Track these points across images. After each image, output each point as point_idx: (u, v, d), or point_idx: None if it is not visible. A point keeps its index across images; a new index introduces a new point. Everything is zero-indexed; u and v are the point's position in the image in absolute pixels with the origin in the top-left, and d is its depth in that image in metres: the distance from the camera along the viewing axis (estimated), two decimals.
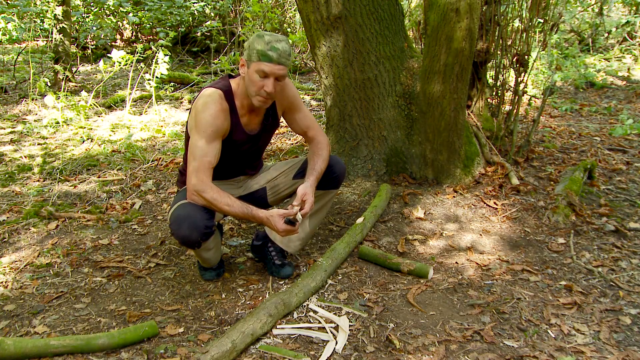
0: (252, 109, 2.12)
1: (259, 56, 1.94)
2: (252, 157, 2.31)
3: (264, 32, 1.99)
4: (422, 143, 3.14)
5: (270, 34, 1.98)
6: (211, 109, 2.00)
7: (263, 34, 1.97)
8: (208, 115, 1.99)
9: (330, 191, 2.31)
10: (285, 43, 1.97)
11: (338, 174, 2.27)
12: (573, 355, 1.79)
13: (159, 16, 7.38)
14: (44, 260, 2.52)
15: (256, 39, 1.96)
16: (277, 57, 1.94)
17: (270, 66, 1.94)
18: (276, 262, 2.36)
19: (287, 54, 1.96)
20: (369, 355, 1.82)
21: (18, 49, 7.64)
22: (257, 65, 1.95)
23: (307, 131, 2.28)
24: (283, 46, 1.95)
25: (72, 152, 4.07)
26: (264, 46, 1.93)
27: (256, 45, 1.94)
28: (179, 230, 1.99)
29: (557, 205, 2.84)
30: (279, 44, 1.94)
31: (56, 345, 1.78)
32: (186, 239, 2.01)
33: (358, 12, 2.94)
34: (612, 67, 6.92)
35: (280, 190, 2.35)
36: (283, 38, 1.98)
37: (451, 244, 2.63)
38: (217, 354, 1.69)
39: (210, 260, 2.26)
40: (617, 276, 2.29)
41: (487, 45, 3.56)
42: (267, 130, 2.25)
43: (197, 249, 2.09)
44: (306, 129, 2.28)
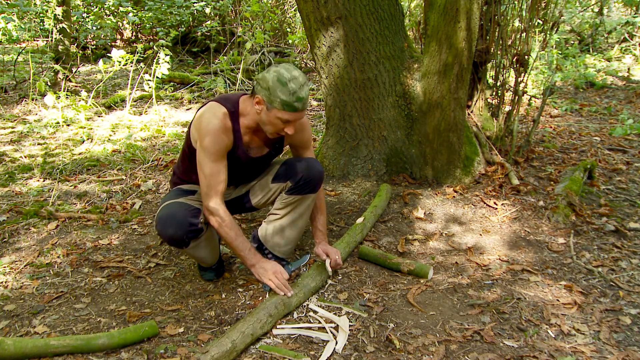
0: (256, 130, 2.10)
1: (283, 106, 1.88)
2: (249, 176, 2.32)
3: (284, 74, 1.88)
4: (422, 143, 3.14)
5: (291, 76, 1.88)
6: (214, 126, 1.97)
7: (285, 80, 1.86)
8: (211, 133, 1.97)
9: (308, 196, 2.26)
10: (307, 85, 1.91)
11: (312, 179, 2.21)
12: (573, 355, 1.79)
13: (159, 16, 7.38)
14: (44, 260, 2.52)
15: (279, 86, 1.86)
16: (302, 106, 1.90)
17: (295, 115, 1.92)
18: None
19: (307, 100, 1.93)
20: (369, 355, 1.82)
21: (18, 49, 7.65)
22: (281, 114, 1.91)
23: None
24: (306, 92, 1.90)
25: (72, 152, 4.07)
26: (289, 97, 1.86)
27: (280, 95, 1.86)
28: (164, 230, 2.01)
29: (557, 205, 2.84)
30: (302, 91, 1.88)
31: (56, 345, 1.78)
32: (172, 239, 2.02)
33: (358, 12, 2.94)
34: (612, 67, 6.92)
35: (261, 195, 2.34)
36: (303, 80, 1.90)
37: (451, 244, 2.63)
38: (217, 354, 1.69)
39: (206, 259, 2.25)
40: (617, 276, 2.29)
41: (487, 45, 3.56)
42: (269, 157, 2.26)
43: (185, 248, 2.08)
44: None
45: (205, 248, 2.19)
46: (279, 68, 1.90)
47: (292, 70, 1.89)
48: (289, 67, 1.91)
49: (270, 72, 1.90)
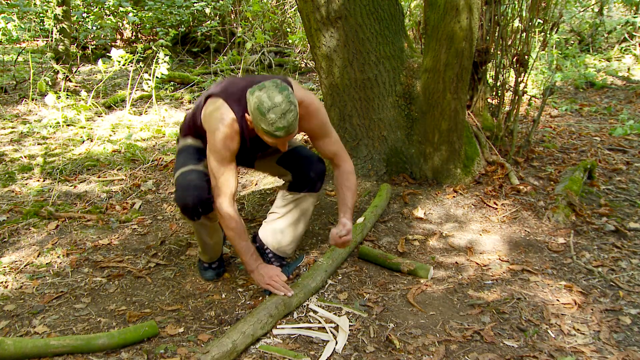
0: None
1: (266, 133, 1.85)
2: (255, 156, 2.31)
3: (264, 103, 1.80)
4: (422, 143, 3.14)
5: (272, 104, 1.79)
6: (222, 134, 1.96)
7: (264, 109, 1.79)
8: (219, 141, 1.96)
9: (308, 195, 2.25)
10: (290, 113, 1.81)
11: (311, 178, 2.21)
12: (573, 355, 1.79)
13: (159, 16, 7.38)
14: (44, 260, 2.52)
15: (259, 115, 1.81)
16: (284, 134, 1.84)
17: (280, 140, 1.89)
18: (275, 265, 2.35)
19: (294, 124, 1.83)
20: (369, 355, 1.82)
21: (18, 49, 7.65)
22: (266, 137, 1.88)
23: (332, 157, 2.21)
24: (289, 120, 1.81)
25: (72, 152, 4.07)
26: (269, 127, 1.81)
27: (260, 123, 1.82)
28: (182, 198, 2.05)
29: (557, 205, 2.84)
30: (283, 120, 1.80)
31: (56, 345, 1.78)
32: (187, 207, 2.06)
33: (358, 12, 2.94)
34: (612, 67, 6.92)
35: (264, 165, 2.38)
36: (286, 106, 1.80)
37: (451, 244, 2.63)
38: (217, 354, 1.69)
39: (209, 248, 2.26)
40: (617, 276, 2.29)
41: (487, 45, 3.56)
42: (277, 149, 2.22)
43: (196, 220, 2.10)
44: (332, 156, 2.20)
45: (209, 235, 2.21)
46: (261, 94, 1.81)
47: (274, 97, 1.79)
48: (272, 92, 1.81)
49: (253, 96, 1.83)
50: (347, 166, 2.21)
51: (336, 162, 2.21)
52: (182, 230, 2.86)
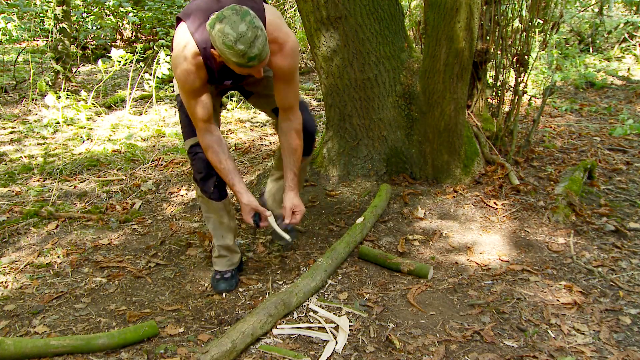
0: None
1: (238, 65, 1.75)
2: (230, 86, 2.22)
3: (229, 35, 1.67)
4: (422, 143, 3.14)
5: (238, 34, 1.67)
6: (183, 70, 1.87)
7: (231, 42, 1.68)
8: (182, 74, 1.88)
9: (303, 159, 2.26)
10: (259, 39, 1.69)
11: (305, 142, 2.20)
12: (573, 355, 1.79)
13: (159, 16, 7.38)
14: (44, 260, 2.52)
15: (226, 50, 1.70)
16: (257, 62, 1.74)
17: (253, 69, 1.79)
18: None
19: (265, 49, 1.72)
20: (369, 355, 1.82)
21: (18, 49, 7.65)
22: (239, 70, 1.78)
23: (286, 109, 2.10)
24: (259, 46, 1.70)
25: (72, 152, 4.07)
26: (240, 59, 1.72)
27: (230, 57, 1.72)
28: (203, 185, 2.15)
29: (557, 205, 2.84)
30: (254, 49, 1.69)
31: (56, 345, 1.78)
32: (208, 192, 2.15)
33: (358, 12, 2.94)
34: (612, 67, 6.92)
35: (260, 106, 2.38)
36: (253, 33, 1.68)
37: (451, 244, 2.63)
38: (217, 354, 1.69)
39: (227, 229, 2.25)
40: (617, 276, 2.29)
41: (487, 45, 3.56)
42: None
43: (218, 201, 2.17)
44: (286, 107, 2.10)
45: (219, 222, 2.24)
46: (223, 26, 1.68)
47: (237, 26, 1.67)
48: (233, 22, 1.67)
49: (215, 29, 1.70)
50: (297, 123, 2.13)
51: (287, 115, 2.12)
52: (182, 230, 2.86)
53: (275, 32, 1.90)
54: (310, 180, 3.31)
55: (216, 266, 2.32)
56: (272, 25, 1.89)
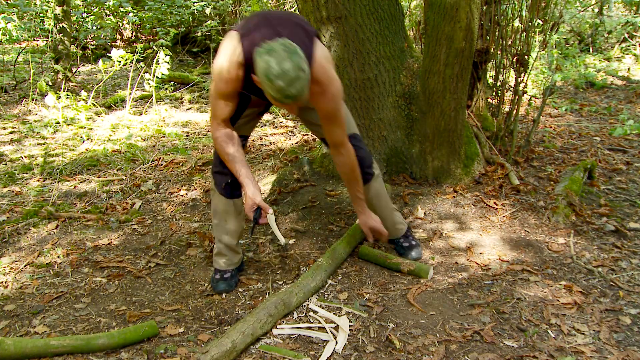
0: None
1: (274, 99, 1.79)
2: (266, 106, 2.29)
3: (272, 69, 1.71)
4: (422, 143, 3.14)
5: (280, 71, 1.70)
6: (224, 75, 1.92)
7: (272, 76, 1.71)
8: (220, 78, 1.94)
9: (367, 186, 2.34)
10: (299, 81, 1.73)
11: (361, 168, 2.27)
12: (573, 355, 1.79)
13: (159, 16, 7.37)
14: (44, 260, 2.52)
15: (266, 81, 1.73)
16: (293, 100, 1.77)
17: (289, 106, 1.85)
18: (404, 245, 2.51)
19: (303, 91, 1.76)
20: (369, 355, 1.82)
21: (18, 49, 7.64)
22: (273, 100, 1.82)
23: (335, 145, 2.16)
24: (298, 88, 1.73)
25: (73, 152, 4.07)
26: (277, 94, 1.75)
27: (268, 89, 1.76)
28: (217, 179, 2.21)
29: (557, 205, 2.84)
30: (292, 88, 1.72)
31: (56, 345, 1.78)
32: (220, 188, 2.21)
33: (358, 12, 2.94)
34: (612, 67, 6.92)
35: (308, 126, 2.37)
36: (295, 73, 1.71)
37: (451, 244, 2.63)
38: (217, 354, 1.69)
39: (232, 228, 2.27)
40: (617, 276, 2.29)
41: (487, 45, 3.56)
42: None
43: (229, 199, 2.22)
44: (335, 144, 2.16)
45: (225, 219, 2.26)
46: (270, 59, 1.71)
47: (283, 63, 1.70)
48: (280, 58, 1.70)
49: (261, 59, 1.73)
50: (348, 157, 2.18)
51: (339, 150, 2.16)
52: (182, 230, 2.86)
53: (319, 73, 1.93)
54: (310, 180, 3.31)
55: (216, 264, 2.32)
56: (319, 66, 1.93)
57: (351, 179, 2.24)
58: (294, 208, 3.01)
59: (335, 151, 2.18)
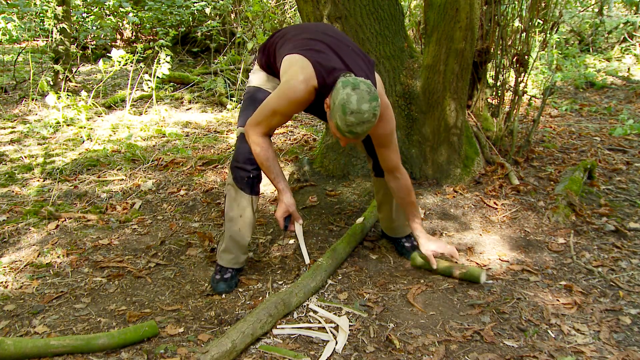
0: None
1: (337, 127, 1.87)
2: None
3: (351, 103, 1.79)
4: (422, 143, 3.14)
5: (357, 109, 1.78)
6: (295, 96, 1.96)
7: (348, 110, 1.79)
8: (290, 100, 1.97)
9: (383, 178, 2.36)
10: (368, 124, 1.82)
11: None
12: (573, 355, 1.79)
13: (159, 16, 7.37)
14: (44, 260, 2.52)
15: (339, 111, 1.81)
16: (354, 137, 1.87)
17: (345, 140, 1.93)
18: (406, 245, 2.54)
19: (366, 133, 1.86)
20: (369, 355, 1.82)
21: (18, 49, 7.64)
22: (334, 129, 1.90)
23: (390, 169, 2.23)
24: (363, 129, 1.83)
25: (73, 152, 4.07)
26: (343, 126, 1.83)
27: (337, 118, 1.84)
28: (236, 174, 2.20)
29: (557, 205, 2.84)
30: (359, 127, 1.81)
31: (56, 345, 1.78)
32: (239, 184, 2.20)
33: (358, 12, 2.94)
34: (612, 67, 6.92)
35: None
36: (369, 116, 1.80)
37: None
38: (217, 354, 1.69)
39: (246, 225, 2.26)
40: (617, 276, 2.29)
41: (487, 45, 3.56)
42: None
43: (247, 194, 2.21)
44: (390, 167, 2.23)
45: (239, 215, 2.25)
46: (352, 93, 1.79)
47: (362, 104, 1.78)
48: (362, 98, 1.79)
49: (344, 90, 1.81)
50: (406, 179, 2.25)
51: (394, 175, 2.24)
52: (182, 230, 2.86)
53: (382, 107, 1.98)
54: (310, 180, 3.31)
55: (220, 261, 2.30)
56: (381, 99, 1.97)
57: (408, 203, 2.29)
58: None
59: (391, 176, 2.25)
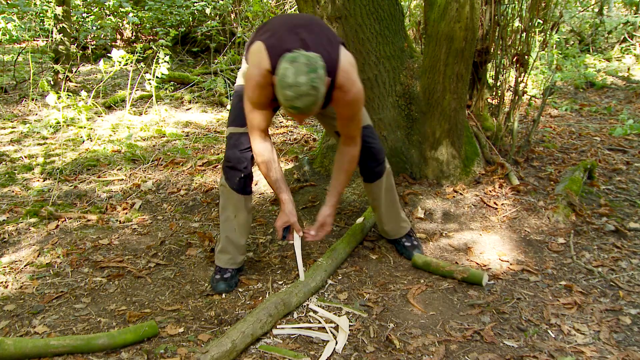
0: None
1: (281, 104, 1.86)
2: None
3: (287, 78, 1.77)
4: (422, 143, 3.14)
5: (294, 82, 1.75)
6: (253, 82, 1.97)
7: (285, 85, 1.77)
8: (250, 87, 2.00)
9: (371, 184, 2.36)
10: (308, 97, 1.77)
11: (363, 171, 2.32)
12: (573, 355, 1.79)
13: (159, 16, 7.37)
14: (44, 260, 2.52)
15: (279, 87, 1.80)
16: (296, 112, 1.84)
17: (295, 115, 1.89)
18: (406, 245, 2.52)
19: (309, 107, 1.81)
20: (369, 355, 1.82)
21: (18, 49, 7.64)
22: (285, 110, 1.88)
23: (345, 138, 2.17)
24: (304, 102, 1.78)
25: (73, 152, 4.07)
26: (285, 102, 1.81)
27: (279, 95, 1.83)
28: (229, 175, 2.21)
29: (557, 205, 2.84)
30: (299, 101, 1.78)
31: (56, 345, 1.78)
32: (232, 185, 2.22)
33: (358, 12, 2.94)
34: (612, 67, 6.92)
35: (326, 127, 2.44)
36: (307, 89, 1.76)
37: (451, 244, 2.63)
38: (217, 354, 1.69)
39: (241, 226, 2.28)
40: (617, 276, 2.29)
41: (487, 45, 3.56)
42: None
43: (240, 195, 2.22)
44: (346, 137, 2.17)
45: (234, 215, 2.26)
46: (289, 67, 1.77)
47: (299, 75, 1.75)
48: (299, 70, 1.76)
49: (283, 65, 1.79)
50: (354, 150, 2.18)
51: (347, 142, 2.17)
52: (182, 230, 2.86)
53: (343, 79, 1.97)
54: (310, 180, 3.31)
55: (218, 261, 2.31)
56: (343, 73, 1.97)
57: (345, 169, 2.20)
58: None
59: (345, 141, 2.18)
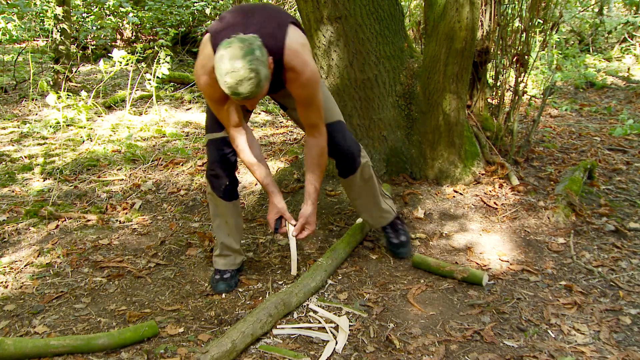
0: None
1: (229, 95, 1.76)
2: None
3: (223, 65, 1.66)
4: (422, 143, 3.14)
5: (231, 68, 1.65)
6: (203, 82, 1.91)
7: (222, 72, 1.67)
8: (203, 87, 1.93)
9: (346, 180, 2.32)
10: (249, 81, 1.67)
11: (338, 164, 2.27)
12: (573, 355, 1.79)
13: (159, 16, 7.37)
14: (44, 260, 2.52)
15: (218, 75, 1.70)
16: (241, 99, 1.74)
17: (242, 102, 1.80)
18: (394, 242, 2.48)
19: (253, 91, 1.71)
20: (369, 355, 1.82)
21: (18, 49, 7.64)
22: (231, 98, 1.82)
23: (308, 128, 2.10)
24: (246, 88, 1.68)
25: (73, 152, 4.07)
26: (227, 89, 1.71)
27: (220, 84, 1.72)
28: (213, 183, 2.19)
29: (557, 205, 2.84)
30: (241, 87, 1.67)
31: (56, 345, 1.78)
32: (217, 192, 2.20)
33: (358, 12, 2.94)
34: (612, 67, 6.92)
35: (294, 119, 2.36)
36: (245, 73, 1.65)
37: (451, 244, 2.63)
38: (217, 354, 1.69)
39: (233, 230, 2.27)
40: (617, 276, 2.29)
41: (487, 45, 3.56)
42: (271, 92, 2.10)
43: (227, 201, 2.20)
44: (308, 127, 2.09)
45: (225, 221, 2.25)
46: (224, 53, 1.66)
47: (235, 60, 1.64)
48: (234, 54, 1.65)
49: (218, 53, 1.68)
50: (321, 141, 2.10)
51: (312, 133, 2.09)
52: (182, 230, 2.86)
53: (293, 60, 1.86)
54: None
55: (216, 265, 2.32)
56: (291, 52, 1.86)
57: (315, 163, 2.13)
58: (294, 208, 3.01)
59: (309, 132, 2.10)
